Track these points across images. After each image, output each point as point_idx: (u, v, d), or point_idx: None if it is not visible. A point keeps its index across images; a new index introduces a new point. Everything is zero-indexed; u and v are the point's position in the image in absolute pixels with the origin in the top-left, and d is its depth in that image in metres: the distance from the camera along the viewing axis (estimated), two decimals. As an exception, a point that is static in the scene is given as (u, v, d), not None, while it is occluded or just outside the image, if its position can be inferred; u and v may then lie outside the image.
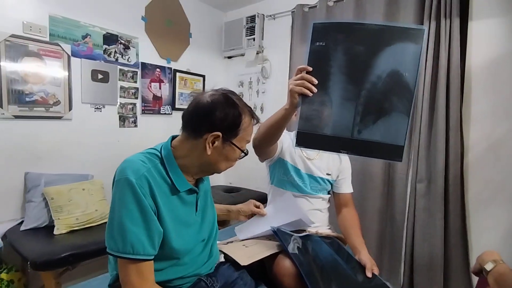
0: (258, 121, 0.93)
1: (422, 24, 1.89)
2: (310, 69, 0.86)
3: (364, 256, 1.18)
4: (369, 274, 1.10)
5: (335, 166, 1.42)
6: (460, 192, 1.81)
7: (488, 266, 0.82)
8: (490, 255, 0.85)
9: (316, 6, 2.42)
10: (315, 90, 0.86)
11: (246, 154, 0.91)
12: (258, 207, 1.25)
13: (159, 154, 0.86)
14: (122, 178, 0.76)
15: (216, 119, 0.82)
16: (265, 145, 1.19)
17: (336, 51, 0.87)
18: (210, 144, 0.83)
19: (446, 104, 1.81)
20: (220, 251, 1.10)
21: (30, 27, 1.90)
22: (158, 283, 0.81)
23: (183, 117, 0.88)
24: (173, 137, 0.92)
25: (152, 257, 0.78)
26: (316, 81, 0.86)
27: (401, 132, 0.88)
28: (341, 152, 0.94)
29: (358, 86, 0.88)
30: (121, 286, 0.78)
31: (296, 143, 0.91)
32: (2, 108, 1.80)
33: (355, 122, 0.89)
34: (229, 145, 0.85)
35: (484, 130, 1.79)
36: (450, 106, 1.80)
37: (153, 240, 0.78)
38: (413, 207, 1.95)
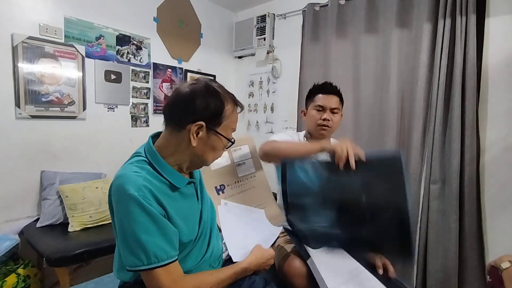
0: (242, 108, 0.90)
1: (437, 22, 1.85)
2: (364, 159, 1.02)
3: (373, 256, 1.16)
4: (380, 272, 1.09)
5: None
6: (475, 194, 1.76)
7: (505, 265, 0.91)
8: (508, 257, 0.94)
9: (327, 5, 2.39)
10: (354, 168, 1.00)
11: (232, 143, 0.88)
12: None
13: (146, 159, 0.83)
14: (124, 194, 0.73)
15: (197, 108, 0.79)
16: (274, 161, 1.23)
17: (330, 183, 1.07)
18: (195, 135, 0.80)
19: (461, 103, 1.76)
20: (225, 246, 1.10)
21: (46, 29, 1.95)
22: None
23: (164, 111, 0.85)
24: (153, 136, 0.89)
25: (176, 257, 0.79)
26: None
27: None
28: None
29: (332, 215, 1.06)
30: None
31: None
32: (19, 108, 1.86)
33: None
34: (214, 134, 0.83)
35: (502, 130, 1.74)
36: (465, 105, 1.75)
37: (172, 243, 0.77)
38: (426, 208, 1.90)
